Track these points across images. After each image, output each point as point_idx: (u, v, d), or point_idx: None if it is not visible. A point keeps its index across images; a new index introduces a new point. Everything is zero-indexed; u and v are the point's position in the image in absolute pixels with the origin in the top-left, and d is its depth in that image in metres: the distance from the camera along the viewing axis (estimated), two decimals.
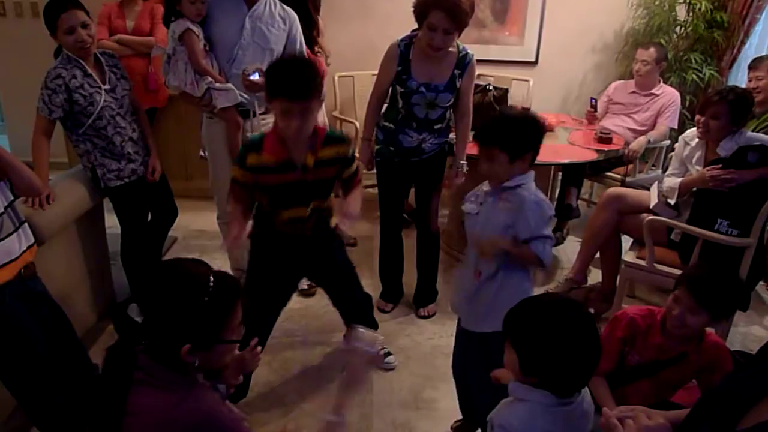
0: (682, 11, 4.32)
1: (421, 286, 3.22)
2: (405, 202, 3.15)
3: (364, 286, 2.83)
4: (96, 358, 2.22)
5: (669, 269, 2.79)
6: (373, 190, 3.88)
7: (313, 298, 3.30)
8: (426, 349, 2.93)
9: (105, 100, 2.58)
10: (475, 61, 2.77)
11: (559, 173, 4.14)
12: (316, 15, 3.51)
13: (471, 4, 2.57)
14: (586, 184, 4.25)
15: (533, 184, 1.98)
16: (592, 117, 4.02)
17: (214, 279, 1.34)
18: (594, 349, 1.37)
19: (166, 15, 2.79)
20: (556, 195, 4.17)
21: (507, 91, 3.70)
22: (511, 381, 1.46)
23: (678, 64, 4.27)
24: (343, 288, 2.60)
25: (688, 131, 3.00)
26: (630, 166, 3.83)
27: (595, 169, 3.98)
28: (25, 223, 2.01)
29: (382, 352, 2.81)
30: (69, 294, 2.61)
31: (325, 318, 3.11)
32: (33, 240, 2.03)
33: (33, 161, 2.53)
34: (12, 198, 1.95)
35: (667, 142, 3.90)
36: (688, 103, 4.23)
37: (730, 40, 4.26)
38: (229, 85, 2.78)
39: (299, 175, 2.14)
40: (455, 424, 2.43)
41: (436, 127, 2.83)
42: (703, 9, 4.16)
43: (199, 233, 4.00)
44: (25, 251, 1.96)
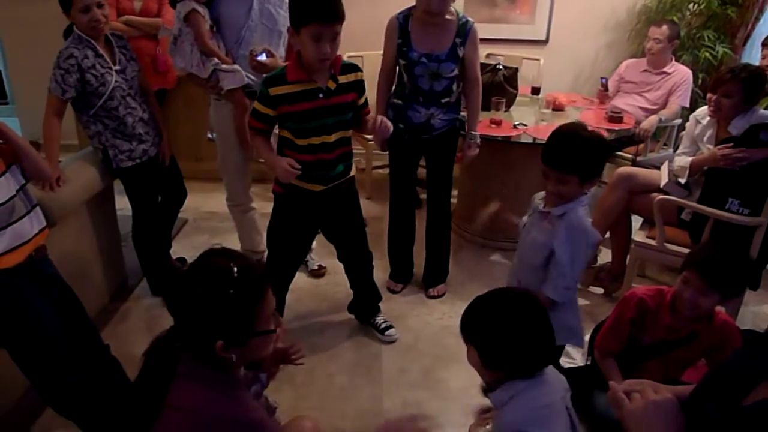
0: None
1: (430, 266, 3.23)
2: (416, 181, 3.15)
3: (374, 267, 2.86)
4: (108, 340, 2.25)
5: (679, 249, 2.77)
6: (383, 171, 3.88)
7: (323, 279, 3.32)
8: (436, 329, 2.94)
9: (116, 81, 2.59)
10: (476, 28, 2.75)
11: None
12: None
13: None
14: None
15: (586, 207, 1.99)
16: (604, 97, 3.97)
17: (238, 270, 1.29)
18: (543, 330, 1.50)
19: None
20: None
21: (517, 70, 3.67)
22: (490, 395, 1.59)
23: (691, 42, 4.21)
24: (352, 242, 2.71)
25: (700, 110, 2.97)
26: (641, 146, 3.80)
27: None
28: (37, 206, 2.02)
29: (384, 325, 2.87)
30: (80, 276, 2.63)
31: (335, 298, 3.13)
32: (45, 223, 2.04)
33: (44, 142, 2.54)
34: (23, 181, 1.96)
35: (678, 121, 3.85)
36: (700, 82, 4.18)
37: (744, 17, 4.19)
38: (236, 66, 2.77)
39: (321, 100, 2.25)
40: None
41: (443, 101, 2.81)
42: None
43: (209, 215, 4.02)
44: (37, 234, 1.97)
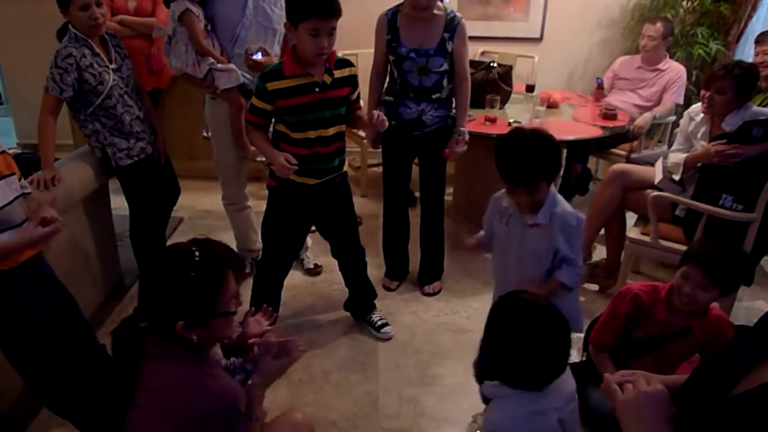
0: None
1: (425, 263, 3.23)
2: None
3: (369, 265, 2.87)
4: (104, 339, 2.24)
5: (674, 245, 2.79)
6: (378, 169, 3.89)
7: (319, 277, 3.32)
8: (431, 326, 2.95)
9: (113, 79, 2.59)
10: (465, 23, 2.77)
11: (564, 150, 4.12)
12: None
13: None
14: (591, 160, 4.23)
15: (558, 195, 2.01)
16: (600, 95, 3.98)
17: (199, 254, 1.34)
18: (551, 346, 1.47)
19: None
20: (561, 172, 4.16)
21: (511, 68, 3.68)
22: (484, 386, 1.58)
23: (684, 39, 4.23)
24: (345, 237, 2.74)
25: (693, 106, 2.98)
26: (635, 143, 3.81)
27: (600, 146, 3.96)
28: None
29: (380, 323, 2.87)
30: (76, 275, 2.63)
31: (331, 296, 3.14)
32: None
33: (39, 142, 2.52)
34: (21, 191, 1.96)
35: (672, 118, 3.87)
36: (694, 78, 4.19)
37: (737, 14, 4.21)
38: (231, 65, 2.77)
39: (318, 94, 2.29)
40: None
41: (434, 96, 2.82)
42: None
43: (205, 213, 4.02)
44: None
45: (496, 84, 3.56)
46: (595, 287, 3.26)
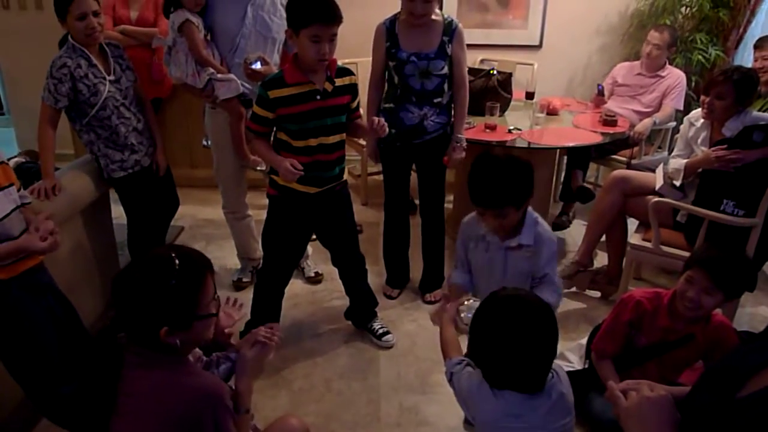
0: None
1: (427, 271, 3.23)
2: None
3: (369, 273, 2.86)
4: None
5: (675, 251, 2.78)
6: (379, 177, 3.89)
7: (320, 285, 3.31)
8: (432, 334, 2.90)
9: (109, 91, 2.59)
10: (462, 28, 2.79)
11: (565, 157, 4.12)
12: None
13: None
14: (592, 167, 4.23)
15: (535, 214, 2.01)
16: (600, 101, 3.97)
17: (179, 260, 1.36)
18: (535, 345, 1.41)
19: (165, 6, 2.79)
20: (562, 178, 4.16)
21: (511, 75, 3.68)
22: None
23: (683, 45, 4.23)
24: (345, 245, 2.73)
25: (693, 112, 2.98)
26: (636, 149, 3.81)
27: (600, 152, 3.96)
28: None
29: (381, 330, 2.87)
30: (76, 284, 2.62)
31: (332, 305, 3.13)
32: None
33: (39, 151, 2.55)
34: (20, 202, 1.96)
35: (673, 124, 3.87)
36: (693, 84, 4.20)
37: (736, 20, 4.21)
38: (231, 75, 2.77)
39: (319, 102, 2.30)
40: None
41: (435, 100, 2.83)
42: None
43: (205, 222, 4.02)
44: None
45: (496, 91, 3.57)
46: (596, 294, 3.25)
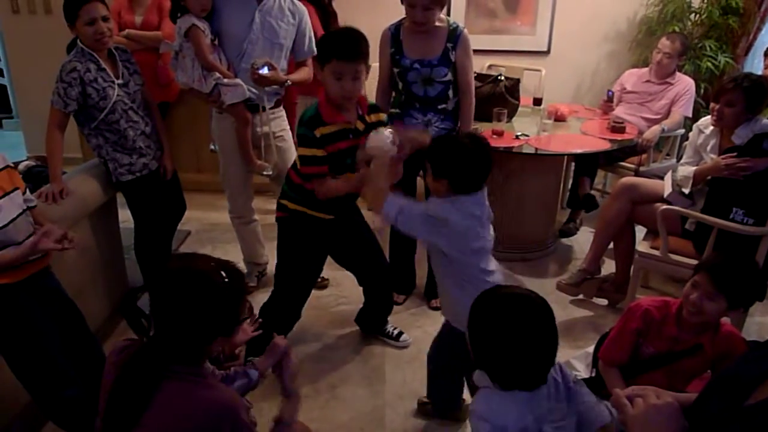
0: None
1: (432, 277, 3.21)
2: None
3: None
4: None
5: (683, 259, 2.76)
6: None
7: (326, 290, 3.30)
8: None
9: (118, 95, 2.60)
10: (467, 34, 2.78)
11: (572, 163, 4.11)
12: (331, 6, 3.55)
13: None
14: (600, 174, 4.21)
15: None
16: (608, 107, 3.96)
17: (219, 266, 1.39)
18: (537, 342, 1.40)
19: (172, 11, 2.80)
20: (569, 185, 4.14)
21: (518, 81, 3.68)
22: (477, 372, 1.51)
23: (692, 52, 4.21)
24: (370, 262, 2.69)
25: (703, 119, 2.96)
26: (644, 156, 3.79)
27: (608, 159, 3.94)
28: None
29: (396, 332, 2.85)
30: (83, 288, 2.63)
31: (338, 310, 3.13)
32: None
33: (47, 155, 2.56)
34: (26, 206, 1.97)
35: (681, 131, 3.85)
36: (702, 91, 4.17)
37: (745, 27, 4.19)
38: (238, 80, 2.78)
39: (352, 141, 2.25)
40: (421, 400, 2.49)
41: (440, 107, 2.83)
42: None
43: (212, 227, 4.02)
44: (41, 256, 1.98)
45: (504, 97, 3.56)
46: (603, 302, 3.23)
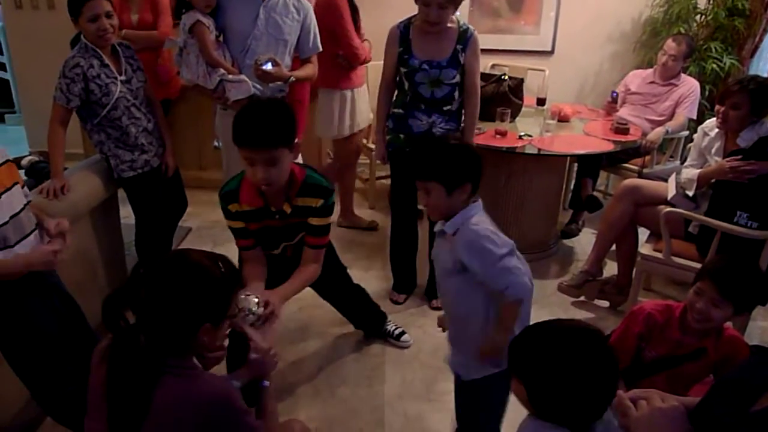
0: None
1: (433, 277, 3.19)
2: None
3: (376, 277, 2.85)
4: None
5: (686, 262, 2.75)
6: (387, 181, 3.88)
7: None
8: (438, 341, 2.90)
9: (121, 91, 2.59)
10: (477, 36, 2.77)
11: (575, 164, 4.09)
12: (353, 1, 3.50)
13: None
14: (603, 175, 4.20)
15: (479, 216, 1.78)
16: (612, 108, 3.94)
17: (216, 258, 1.39)
18: (608, 377, 1.22)
19: (177, 7, 2.79)
20: (572, 186, 4.13)
21: (522, 81, 3.66)
22: (528, 417, 1.31)
23: (698, 54, 4.19)
24: (339, 293, 2.68)
25: (708, 121, 2.95)
26: (647, 158, 3.78)
27: (611, 161, 3.93)
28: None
29: (398, 331, 2.86)
30: (83, 284, 2.62)
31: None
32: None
33: (49, 151, 2.55)
34: (27, 200, 1.96)
35: (685, 133, 3.83)
36: (707, 93, 4.15)
37: (751, 29, 4.17)
38: (242, 76, 2.77)
39: (277, 221, 2.05)
40: None
41: (445, 108, 2.82)
42: None
43: (213, 224, 4.00)
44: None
45: (507, 97, 3.55)
46: (605, 304, 3.22)
